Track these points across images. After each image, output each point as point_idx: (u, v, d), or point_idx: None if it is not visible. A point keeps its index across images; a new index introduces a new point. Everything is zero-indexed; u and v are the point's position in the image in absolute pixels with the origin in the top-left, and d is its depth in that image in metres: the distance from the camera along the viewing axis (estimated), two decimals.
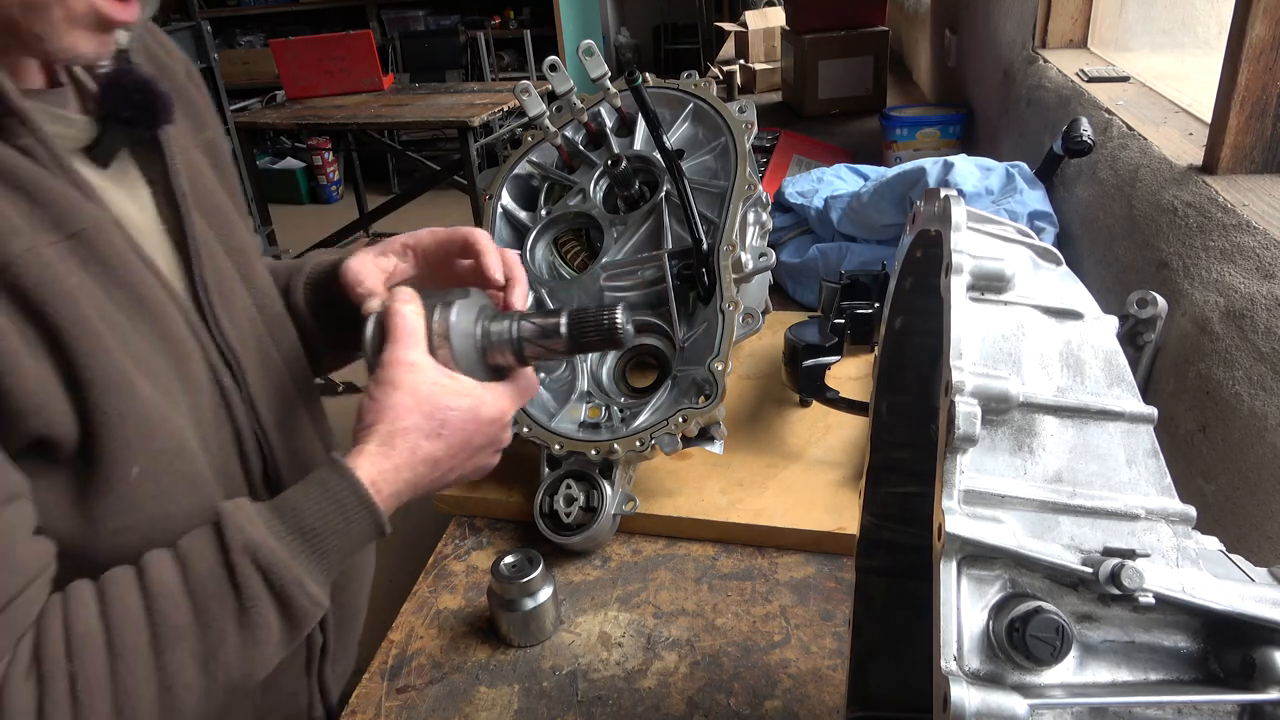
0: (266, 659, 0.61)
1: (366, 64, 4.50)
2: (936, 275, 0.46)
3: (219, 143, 0.83)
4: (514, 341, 0.72)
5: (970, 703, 0.36)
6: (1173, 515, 0.41)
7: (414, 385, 0.67)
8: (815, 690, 0.80)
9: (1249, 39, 0.89)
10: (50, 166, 0.60)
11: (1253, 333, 0.77)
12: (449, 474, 0.70)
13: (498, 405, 0.71)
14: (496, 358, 0.73)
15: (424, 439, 0.66)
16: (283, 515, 0.62)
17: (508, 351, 0.72)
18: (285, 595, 0.60)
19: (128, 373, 0.60)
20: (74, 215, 0.60)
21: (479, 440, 0.70)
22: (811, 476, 1.04)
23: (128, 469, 0.60)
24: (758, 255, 1.07)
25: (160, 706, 0.56)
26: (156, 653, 0.56)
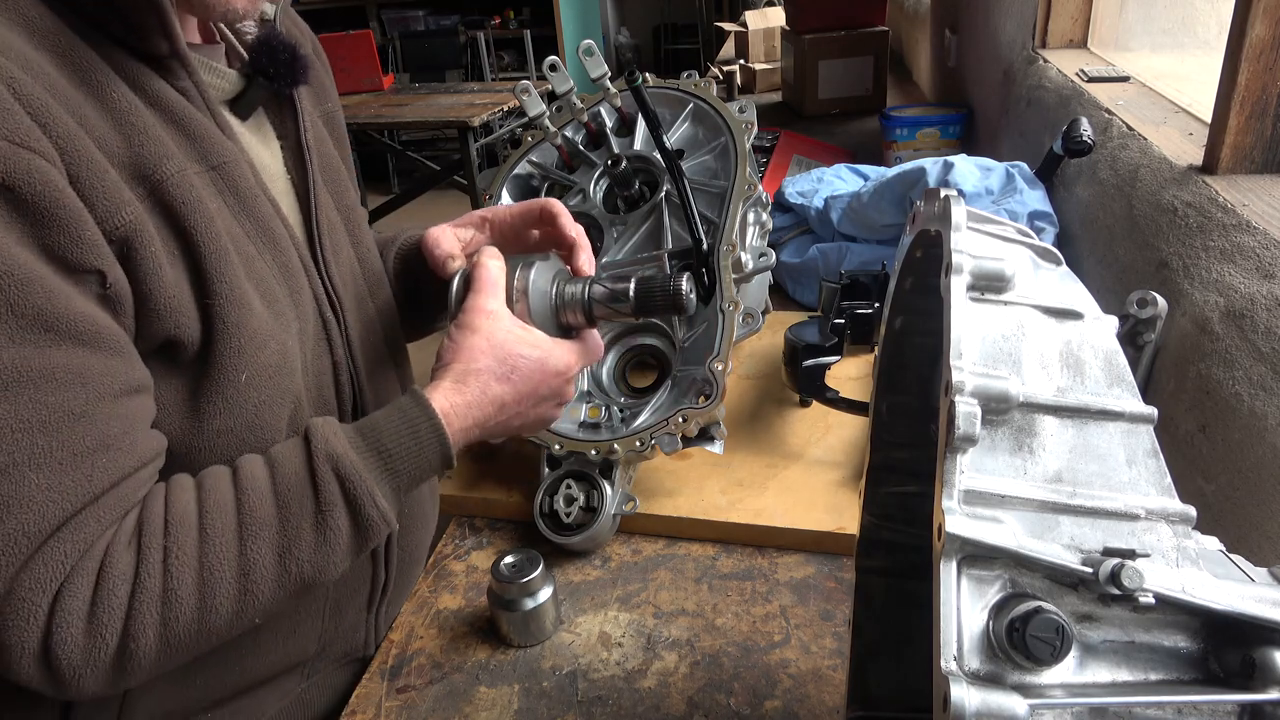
0: (336, 562, 0.66)
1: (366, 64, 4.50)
2: (936, 275, 0.46)
3: (337, 115, 0.93)
4: (585, 303, 0.78)
5: (970, 703, 0.36)
6: (1173, 515, 0.41)
7: (490, 331, 0.73)
8: (815, 690, 0.80)
9: (1249, 39, 0.89)
10: (201, 108, 0.69)
11: (1253, 333, 0.77)
12: (513, 420, 0.75)
13: (565, 359, 0.76)
14: (568, 317, 0.79)
15: (494, 381, 0.72)
16: (364, 434, 0.68)
17: (578, 311, 0.78)
18: (357, 504, 0.65)
19: (247, 291, 0.68)
20: (218, 150, 0.69)
21: (544, 390, 0.75)
22: (811, 476, 1.04)
23: (238, 375, 0.67)
24: (758, 255, 1.07)
25: (239, 588, 0.62)
26: (241, 540, 0.62)
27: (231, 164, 0.70)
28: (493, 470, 1.10)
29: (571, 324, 0.79)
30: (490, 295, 0.75)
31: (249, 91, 0.76)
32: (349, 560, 0.67)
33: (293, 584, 0.64)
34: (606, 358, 1.10)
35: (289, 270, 0.74)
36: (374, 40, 4.61)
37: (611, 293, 0.78)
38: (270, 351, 0.69)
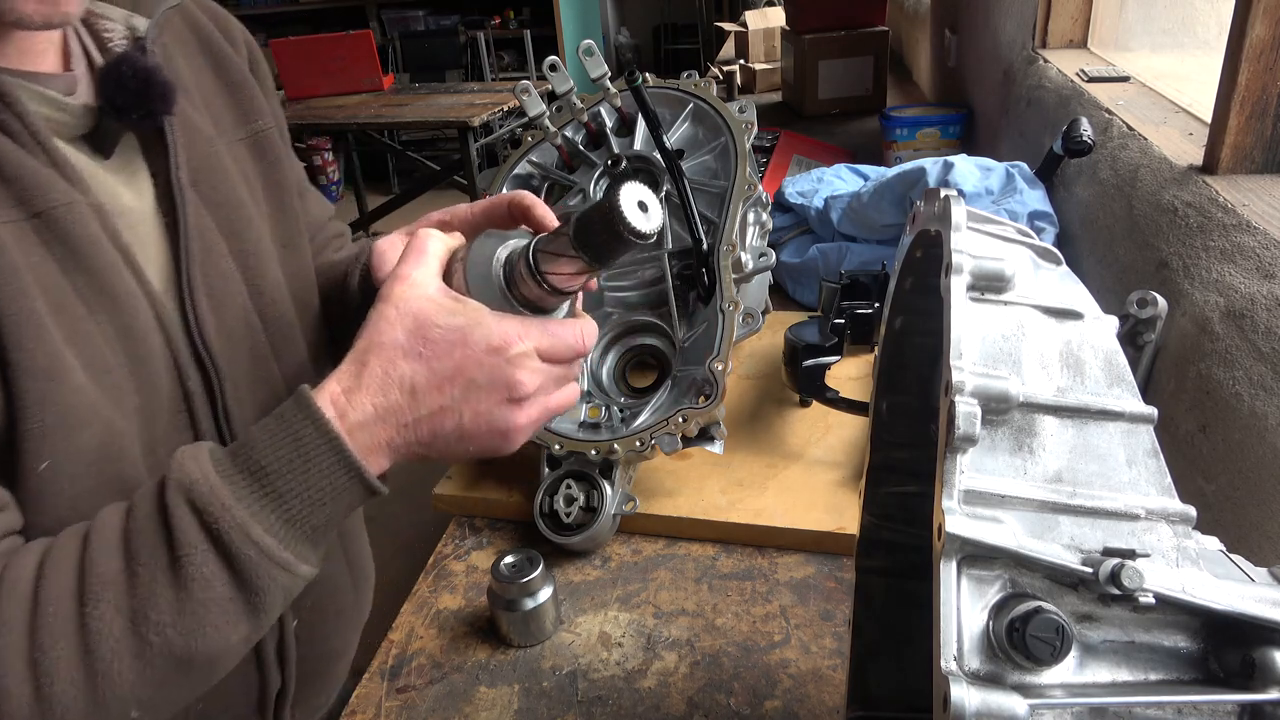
0: (214, 626, 0.52)
1: (366, 64, 4.50)
2: (936, 275, 0.46)
3: (269, 136, 0.81)
4: (529, 260, 0.60)
5: (970, 703, 0.36)
6: (1173, 515, 0.41)
7: (402, 297, 0.58)
8: (815, 690, 0.80)
9: (1249, 39, 0.89)
10: (28, 145, 0.58)
11: (1253, 333, 0.77)
12: (442, 417, 0.57)
13: (498, 330, 0.57)
14: (522, 288, 0.61)
15: (401, 357, 0.56)
16: (234, 452, 0.54)
17: (527, 278, 0.60)
18: (224, 541, 0.51)
19: (61, 359, 0.56)
20: (43, 194, 0.58)
21: (472, 371, 0.57)
22: (811, 476, 1.04)
23: (37, 462, 0.55)
24: (758, 255, 1.07)
25: (84, 668, 0.49)
26: (80, 604, 0.50)
27: (63, 209, 0.59)
28: (493, 470, 1.10)
29: (530, 297, 0.61)
30: (414, 263, 0.60)
31: (102, 125, 0.65)
32: (245, 626, 0.54)
33: (159, 659, 0.50)
34: (607, 358, 1.10)
35: (132, 333, 0.62)
36: (374, 40, 4.61)
37: (552, 237, 0.61)
38: (90, 433, 0.57)
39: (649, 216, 0.56)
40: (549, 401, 0.62)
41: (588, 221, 0.57)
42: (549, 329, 0.60)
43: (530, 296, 0.61)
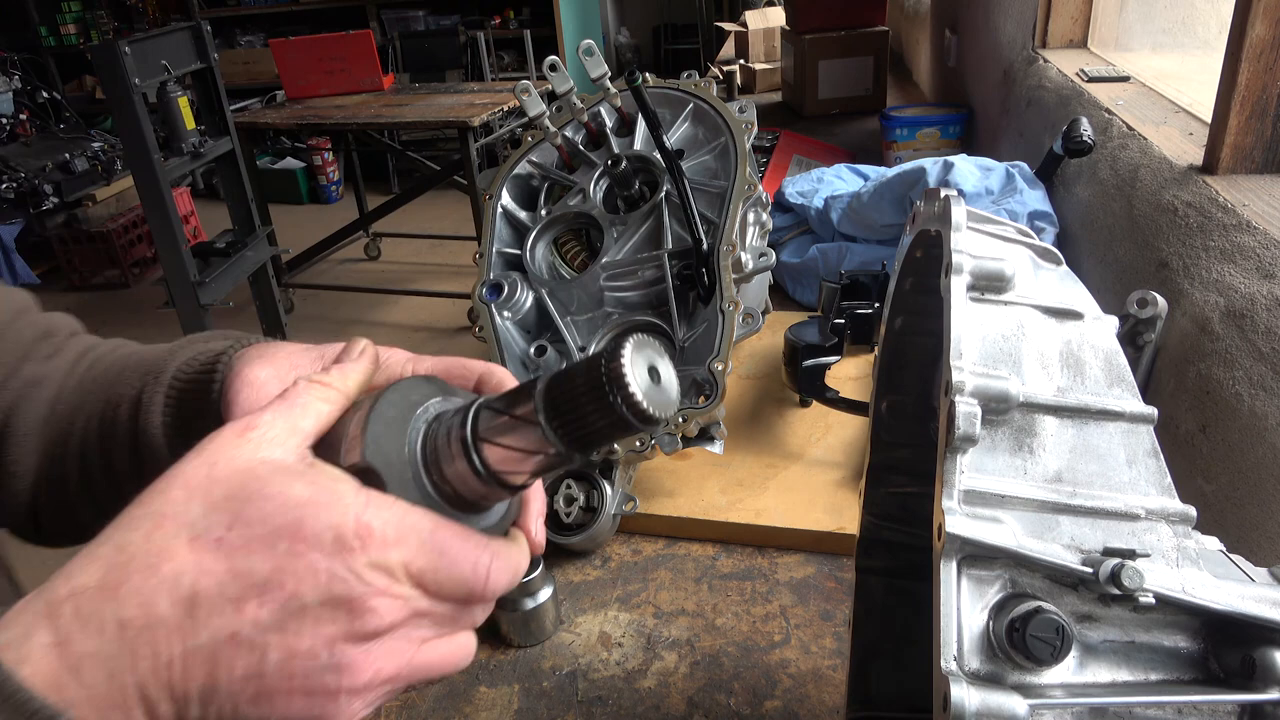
0: None
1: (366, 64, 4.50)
2: (936, 275, 0.46)
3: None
4: (468, 426, 0.41)
5: (970, 703, 0.36)
6: (1173, 515, 0.41)
7: (222, 449, 0.38)
8: (815, 690, 0.80)
9: (1249, 39, 0.89)
10: None
11: (1253, 333, 0.77)
12: (226, 651, 0.35)
13: (359, 518, 0.36)
14: (446, 468, 0.41)
15: (186, 543, 0.35)
16: None
17: (457, 454, 0.40)
18: None
19: None
20: None
21: (300, 580, 0.35)
22: (811, 476, 1.04)
23: None
24: (758, 255, 1.07)
25: None
26: None
27: None
28: None
29: (453, 483, 0.41)
30: (273, 409, 0.40)
31: None
32: None
33: None
34: None
35: None
36: (374, 40, 4.61)
37: (508, 396, 0.41)
38: None
39: (661, 391, 0.38)
40: (415, 655, 0.39)
41: (569, 386, 0.38)
42: (440, 540, 0.38)
43: (454, 482, 0.40)
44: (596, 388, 0.37)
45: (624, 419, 0.37)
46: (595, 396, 0.37)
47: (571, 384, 0.38)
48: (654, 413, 0.37)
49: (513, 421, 0.40)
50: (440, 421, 0.42)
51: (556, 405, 0.39)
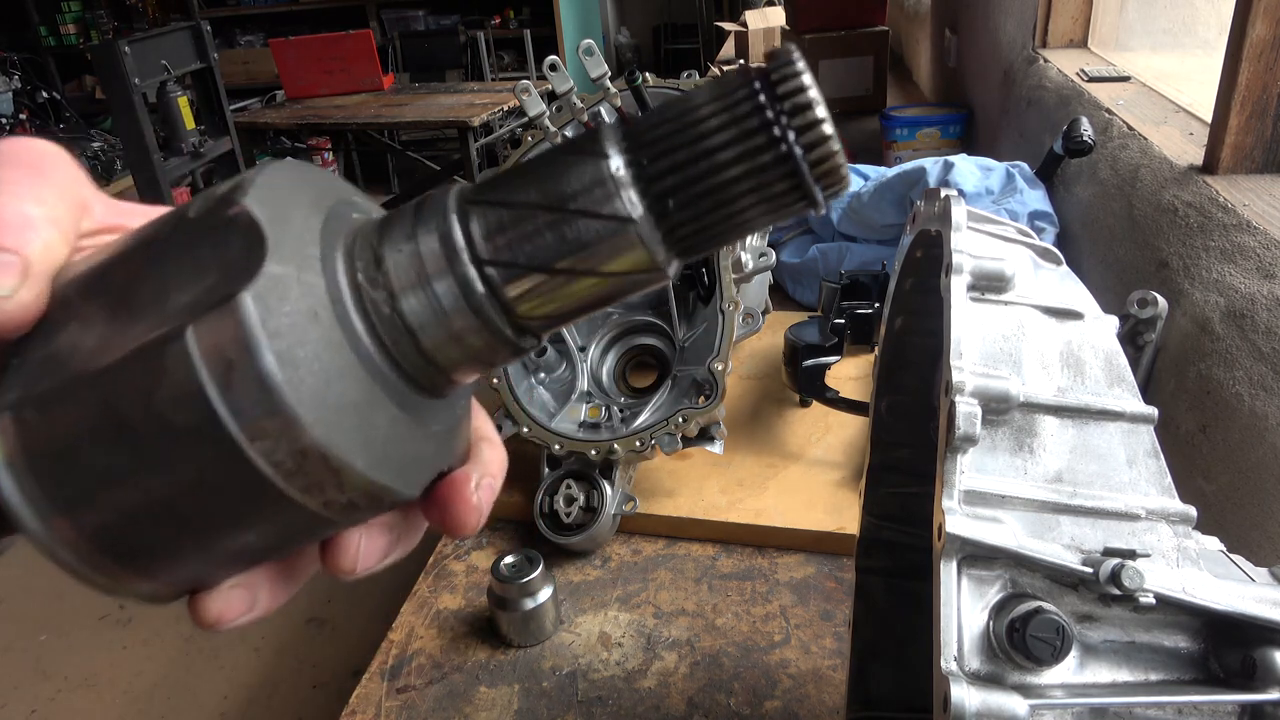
0: None
1: (366, 64, 4.50)
2: (936, 275, 0.46)
3: None
4: (461, 227, 0.24)
5: (970, 703, 0.36)
6: (1173, 515, 0.41)
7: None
8: (815, 690, 0.80)
9: (1249, 39, 0.89)
10: None
11: (1253, 333, 0.77)
12: None
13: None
14: (407, 299, 0.24)
15: None
16: None
17: (439, 271, 0.24)
18: None
19: None
20: None
21: None
22: (811, 476, 1.04)
23: None
24: (758, 255, 1.07)
25: None
26: None
27: None
28: None
29: (419, 331, 0.24)
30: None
31: None
32: None
33: None
34: (607, 358, 1.10)
35: None
36: (374, 40, 4.61)
37: (530, 171, 0.24)
38: None
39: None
40: None
41: (680, 116, 0.23)
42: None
43: (419, 332, 0.24)
44: (747, 113, 0.23)
45: (792, 167, 0.23)
46: (744, 127, 0.23)
47: (687, 112, 0.23)
48: (836, 160, 0.24)
49: (556, 215, 0.23)
50: (376, 233, 0.25)
51: (658, 150, 0.23)
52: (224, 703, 2.09)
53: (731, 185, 0.23)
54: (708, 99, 0.23)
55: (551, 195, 0.23)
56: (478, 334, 0.25)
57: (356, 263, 0.24)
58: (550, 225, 0.23)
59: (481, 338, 0.25)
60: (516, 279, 0.24)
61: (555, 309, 0.25)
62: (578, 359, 1.07)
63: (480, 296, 0.24)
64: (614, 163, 0.23)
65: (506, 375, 1.00)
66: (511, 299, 0.24)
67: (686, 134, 0.23)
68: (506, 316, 0.25)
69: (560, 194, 0.23)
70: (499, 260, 0.24)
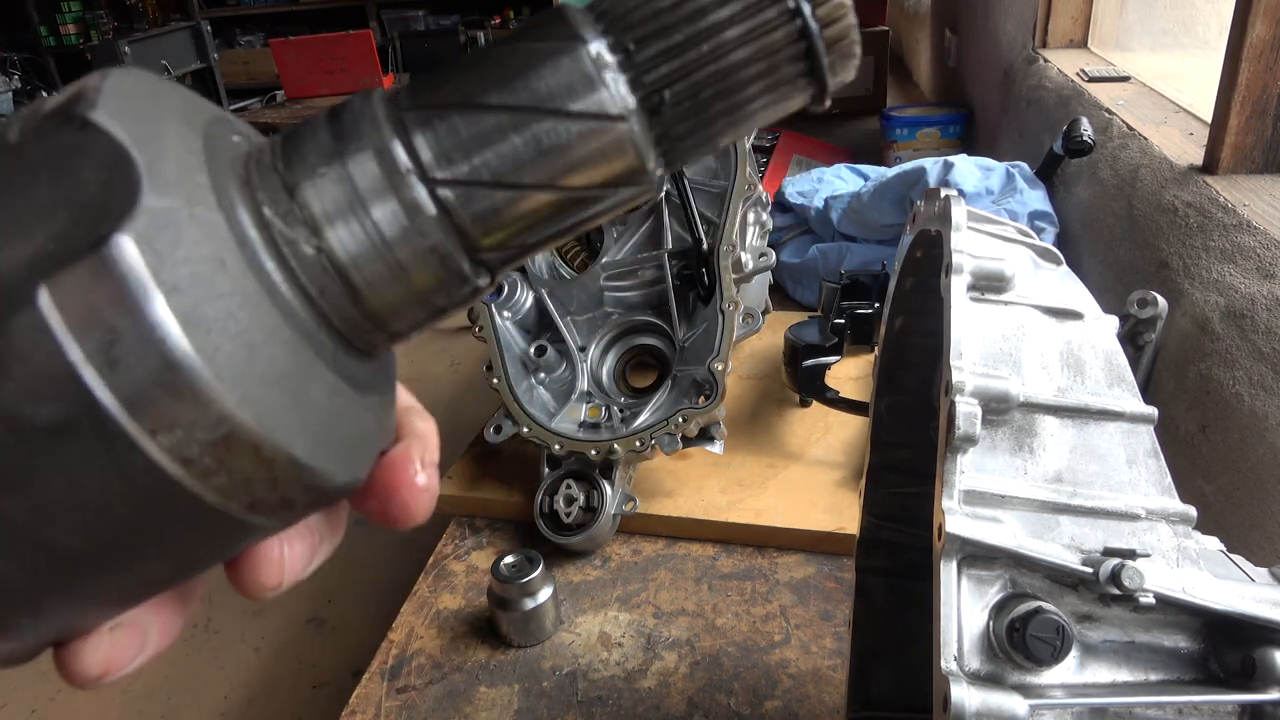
0: None
1: (366, 64, 4.50)
2: (937, 275, 0.46)
3: None
4: (390, 135, 0.20)
5: (970, 703, 0.36)
6: (1173, 515, 0.41)
7: None
8: (815, 690, 0.80)
9: (1249, 39, 0.89)
10: None
11: (1253, 333, 0.77)
12: None
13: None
14: (334, 230, 0.20)
15: None
16: None
17: (382, 193, 0.19)
18: None
19: None
20: None
21: None
22: (811, 476, 1.04)
23: None
24: (758, 255, 1.07)
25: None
26: None
27: None
28: (492, 470, 1.10)
29: (352, 272, 0.20)
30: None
31: None
32: None
33: None
34: (607, 357, 1.10)
35: None
36: (374, 40, 4.61)
37: (482, 59, 0.20)
38: None
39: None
40: None
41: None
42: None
43: (352, 273, 0.20)
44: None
45: (809, 44, 0.20)
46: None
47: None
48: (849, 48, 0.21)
49: (522, 116, 0.19)
50: (279, 156, 0.20)
51: (647, 30, 0.19)
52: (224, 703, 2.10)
53: (737, 70, 0.19)
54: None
55: (515, 93, 0.19)
56: (427, 267, 0.20)
57: (259, 193, 0.19)
58: (516, 129, 0.19)
59: (431, 272, 0.20)
60: (475, 198, 0.20)
61: (520, 234, 0.21)
62: (578, 359, 1.07)
63: (431, 220, 0.20)
64: (593, 47, 0.19)
65: (506, 375, 1.00)
66: (469, 222, 0.20)
67: (679, 8, 0.19)
68: (462, 244, 0.20)
69: (527, 91, 0.19)
70: (454, 179, 0.19)
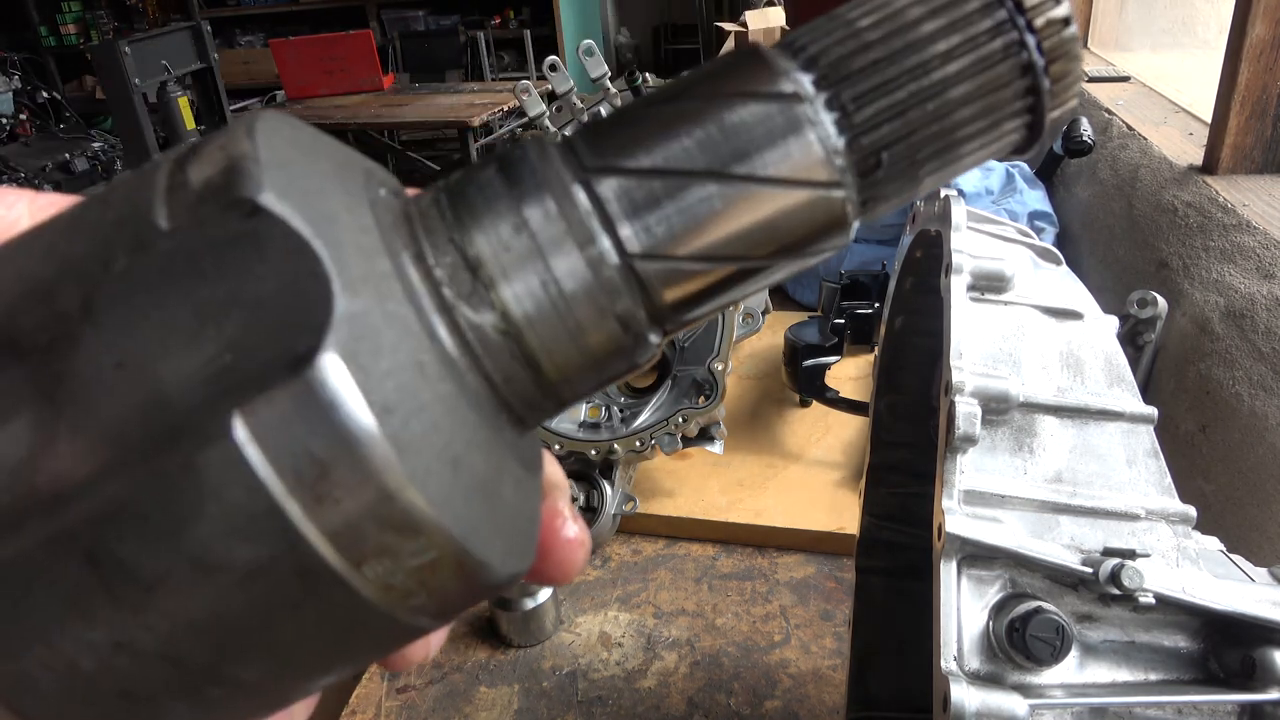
0: None
1: (366, 64, 4.50)
2: (937, 275, 0.46)
3: None
4: (575, 184, 0.18)
5: (970, 703, 0.36)
6: (1173, 515, 0.41)
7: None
8: (815, 690, 0.80)
9: (1249, 39, 0.89)
10: None
11: (1253, 333, 0.77)
12: None
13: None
14: (509, 286, 0.18)
15: None
16: None
17: (572, 248, 0.18)
18: None
19: None
20: None
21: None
22: (811, 476, 1.04)
23: None
24: None
25: None
26: None
27: None
28: None
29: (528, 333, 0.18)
30: None
31: None
32: None
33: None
34: None
35: None
36: (374, 40, 4.61)
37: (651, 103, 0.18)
38: None
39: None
40: None
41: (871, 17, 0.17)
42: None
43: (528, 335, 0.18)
44: (979, 9, 0.17)
45: (1032, 81, 0.17)
46: (973, 30, 0.17)
47: (892, 17, 0.17)
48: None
49: (728, 185, 0.17)
50: (448, 217, 0.18)
51: (865, 85, 0.17)
52: None
53: (957, 126, 0.17)
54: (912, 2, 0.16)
55: (717, 153, 0.17)
56: (605, 328, 0.18)
57: (436, 270, 0.17)
58: (718, 195, 0.17)
59: (609, 333, 0.18)
60: (670, 272, 0.18)
61: (705, 300, 0.19)
62: None
63: (615, 274, 0.18)
64: (808, 107, 0.17)
65: None
66: (655, 280, 0.18)
67: (901, 57, 0.16)
68: (644, 303, 0.18)
69: (731, 152, 0.17)
70: (652, 252, 0.18)
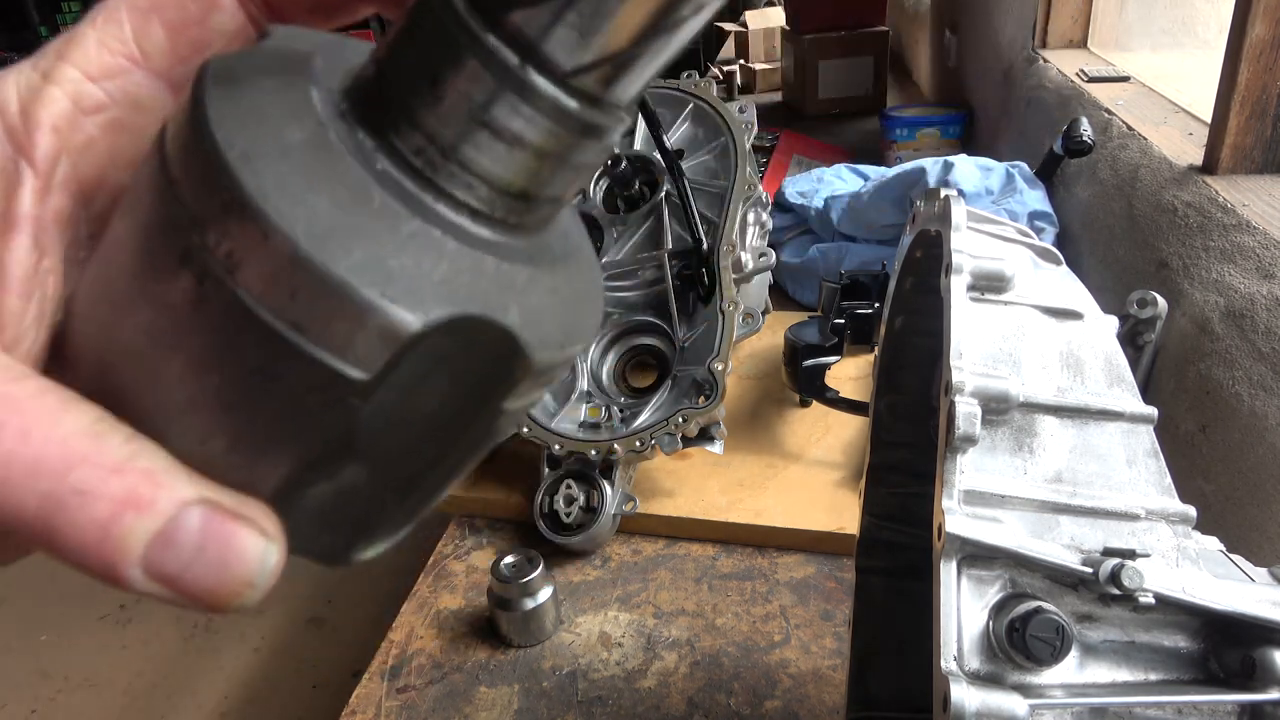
0: None
1: None
2: (936, 275, 0.46)
3: None
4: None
5: (970, 703, 0.36)
6: (1173, 515, 0.41)
7: None
8: (815, 690, 0.80)
9: (1249, 39, 0.89)
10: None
11: (1253, 333, 0.77)
12: None
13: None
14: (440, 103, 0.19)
15: None
16: None
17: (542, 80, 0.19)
18: None
19: None
20: None
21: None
22: (811, 476, 1.04)
23: None
24: (758, 255, 1.07)
25: None
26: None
27: None
28: (493, 470, 1.10)
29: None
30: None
31: None
32: None
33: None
34: (607, 357, 1.10)
35: None
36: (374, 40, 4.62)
37: None
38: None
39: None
40: None
41: None
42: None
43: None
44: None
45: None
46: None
47: None
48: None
49: None
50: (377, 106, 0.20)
51: None
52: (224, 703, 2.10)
53: None
54: None
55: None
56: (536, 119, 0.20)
57: (407, 156, 0.21)
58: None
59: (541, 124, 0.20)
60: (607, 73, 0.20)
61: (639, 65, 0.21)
62: (578, 359, 1.07)
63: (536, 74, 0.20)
64: None
65: None
66: (594, 88, 0.20)
67: None
68: (588, 103, 0.20)
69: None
70: (580, 65, 0.20)
